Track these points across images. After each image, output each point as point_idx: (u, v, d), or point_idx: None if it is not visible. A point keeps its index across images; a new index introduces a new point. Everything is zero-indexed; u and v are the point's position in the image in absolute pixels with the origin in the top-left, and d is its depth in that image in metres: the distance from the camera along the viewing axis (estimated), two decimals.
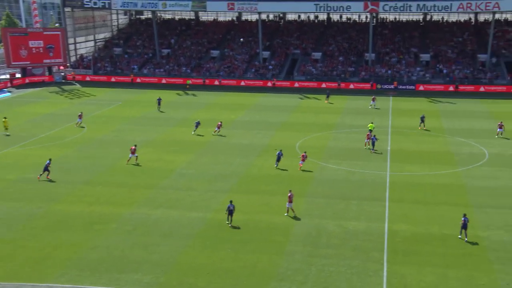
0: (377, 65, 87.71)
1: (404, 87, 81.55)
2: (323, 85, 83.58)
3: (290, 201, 32.90)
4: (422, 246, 28.90)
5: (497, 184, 38.29)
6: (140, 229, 31.06)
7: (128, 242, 29.34)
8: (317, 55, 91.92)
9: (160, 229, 31.09)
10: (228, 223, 31.62)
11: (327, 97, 71.34)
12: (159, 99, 66.77)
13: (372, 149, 46.76)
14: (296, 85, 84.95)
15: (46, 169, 39.13)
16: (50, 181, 38.87)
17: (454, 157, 45.36)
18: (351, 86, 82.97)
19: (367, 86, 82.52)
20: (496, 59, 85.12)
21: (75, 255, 27.83)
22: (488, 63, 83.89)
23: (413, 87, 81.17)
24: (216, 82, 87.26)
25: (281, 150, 43.62)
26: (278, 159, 42.49)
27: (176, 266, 26.94)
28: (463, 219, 29.78)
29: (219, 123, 53.93)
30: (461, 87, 78.72)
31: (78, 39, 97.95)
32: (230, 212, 31.54)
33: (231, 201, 31.88)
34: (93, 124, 57.98)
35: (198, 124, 54.20)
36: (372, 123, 53.72)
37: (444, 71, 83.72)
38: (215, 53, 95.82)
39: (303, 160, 42.05)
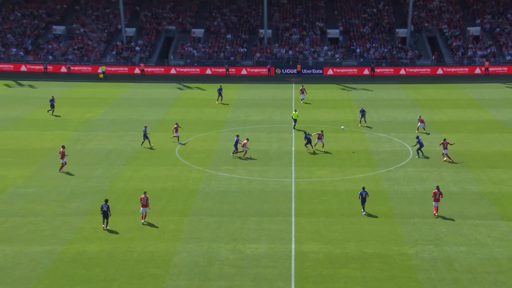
0: (275, 44, 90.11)
1: (309, 71, 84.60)
2: (208, 71, 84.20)
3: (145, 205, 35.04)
4: (337, 269, 29.95)
5: (424, 188, 40.86)
6: None
7: None
8: (199, 32, 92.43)
9: None
10: (104, 227, 33.86)
11: (219, 96, 66.59)
12: None
13: (308, 149, 48.46)
14: (173, 71, 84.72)
15: None
16: None
17: (372, 157, 47.74)
18: (243, 72, 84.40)
19: (263, 71, 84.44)
20: (417, 34, 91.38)
21: None
22: (409, 39, 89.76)
23: (321, 71, 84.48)
24: (63, 69, 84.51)
25: (237, 136, 47.49)
26: (236, 144, 46.82)
27: None
28: (360, 192, 35.71)
29: None
30: (378, 70, 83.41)
31: None
32: (105, 214, 33.57)
33: (106, 200, 34.23)
34: None
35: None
36: (295, 110, 55.11)
37: (357, 50, 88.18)
38: (59, 29, 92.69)
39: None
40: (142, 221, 35.20)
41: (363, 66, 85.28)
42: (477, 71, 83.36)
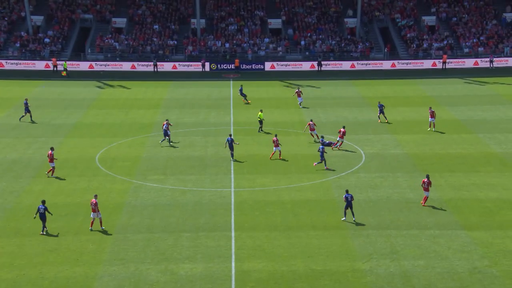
0: (209, 36, 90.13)
1: (248, 66, 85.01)
2: (137, 67, 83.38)
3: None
4: None
5: (378, 196, 41.58)
6: None
7: None
8: (121, 22, 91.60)
9: None
10: (42, 233, 35.18)
11: (243, 96, 65.92)
12: None
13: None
14: (91, 67, 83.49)
15: None
16: None
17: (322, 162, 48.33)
18: (174, 68, 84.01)
19: (196, 66, 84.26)
20: (368, 24, 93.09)
21: None
22: (359, 30, 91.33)
23: (262, 66, 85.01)
24: None
25: (230, 135, 48.16)
26: (231, 147, 47.63)
27: None
28: (345, 196, 36.80)
29: None
30: (325, 64, 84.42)
31: None
32: (42, 216, 35.08)
33: (43, 202, 35.61)
34: None
35: None
36: (261, 111, 55.48)
37: (302, 42, 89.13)
38: None
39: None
40: (90, 228, 35.90)
41: (309, 60, 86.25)
42: (433, 65, 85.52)
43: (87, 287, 30.24)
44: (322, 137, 50.34)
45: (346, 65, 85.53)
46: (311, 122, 53.11)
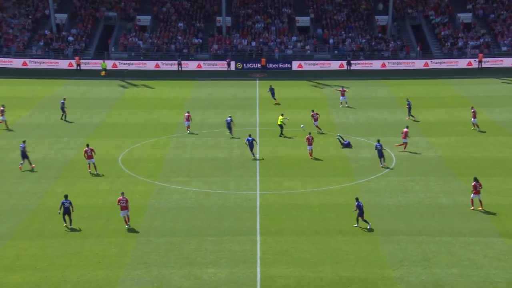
0: (235, 34, 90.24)
1: (275, 65, 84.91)
2: (161, 66, 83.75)
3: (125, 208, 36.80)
4: None
5: (409, 200, 41.25)
6: None
7: None
8: (145, 19, 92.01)
9: None
10: (67, 226, 36.39)
11: (273, 96, 66.21)
12: None
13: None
14: (115, 66, 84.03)
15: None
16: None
17: (350, 165, 48.09)
18: (199, 67, 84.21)
19: (222, 65, 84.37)
20: (400, 22, 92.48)
21: None
22: (390, 28, 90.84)
23: (289, 65, 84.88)
24: None
25: (250, 135, 49.11)
26: (251, 146, 48.51)
27: None
28: (356, 204, 36.46)
29: None
30: (355, 63, 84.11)
31: None
32: (67, 211, 36.13)
33: (65, 196, 36.63)
34: None
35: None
36: (282, 115, 55.21)
37: (331, 41, 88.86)
38: None
39: (310, 144, 48.78)
40: (127, 226, 36.82)
41: (338, 59, 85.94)
42: (469, 64, 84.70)
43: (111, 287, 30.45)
44: (340, 136, 50.58)
45: (376, 65, 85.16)
46: (313, 113, 53.60)
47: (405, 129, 50.52)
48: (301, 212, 39.27)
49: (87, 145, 46.06)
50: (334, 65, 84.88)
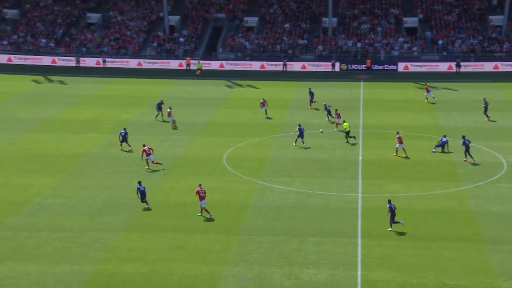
0: (340, 35, 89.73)
1: (380, 67, 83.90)
2: (266, 66, 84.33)
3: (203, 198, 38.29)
4: None
5: None
6: None
7: None
8: (252, 21, 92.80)
9: None
10: (147, 207, 39.33)
11: (311, 98, 65.54)
12: None
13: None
14: (222, 66, 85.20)
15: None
16: None
17: (456, 169, 46.96)
18: (303, 68, 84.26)
19: (326, 66, 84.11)
20: None
21: None
22: (505, 28, 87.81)
23: (394, 67, 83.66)
24: (98, 63, 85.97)
25: (299, 125, 52.34)
26: (301, 135, 51.22)
27: None
28: (388, 206, 36.19)
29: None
30: (464, 65, 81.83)
31: None
32: (142, 194, 39.14)
33: (139, 182, 39.69)
34: None
35: (124, 135, 51.21)
36: (344, 121, 54.36)
37: (440, 42, 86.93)
38: (94, 17, 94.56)
39: (401, 143, 48.69)
40: (200, 214, 38.68)
41: (447, 61, 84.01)
42: None
43: (213, 286, 30.83)
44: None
45: (488, 66, 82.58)
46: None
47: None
48: (404, 216, 38.56)
49: (144, 145, 47.09)
50: (442, 66, 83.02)
